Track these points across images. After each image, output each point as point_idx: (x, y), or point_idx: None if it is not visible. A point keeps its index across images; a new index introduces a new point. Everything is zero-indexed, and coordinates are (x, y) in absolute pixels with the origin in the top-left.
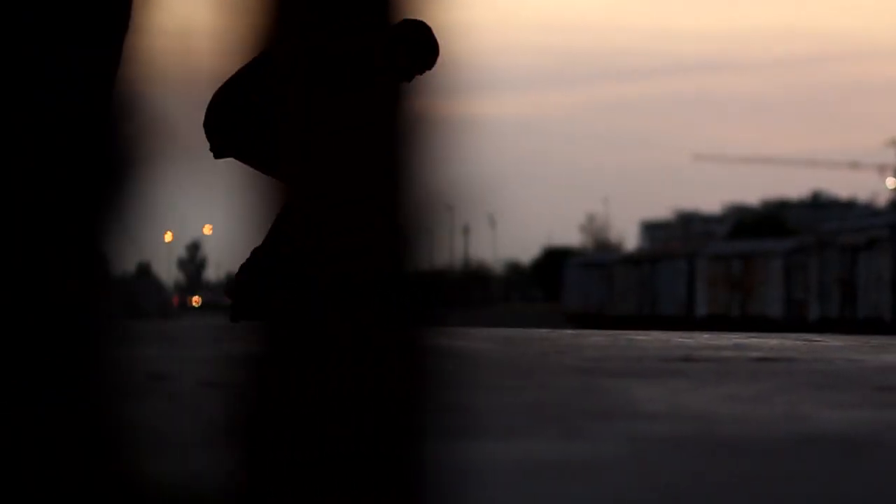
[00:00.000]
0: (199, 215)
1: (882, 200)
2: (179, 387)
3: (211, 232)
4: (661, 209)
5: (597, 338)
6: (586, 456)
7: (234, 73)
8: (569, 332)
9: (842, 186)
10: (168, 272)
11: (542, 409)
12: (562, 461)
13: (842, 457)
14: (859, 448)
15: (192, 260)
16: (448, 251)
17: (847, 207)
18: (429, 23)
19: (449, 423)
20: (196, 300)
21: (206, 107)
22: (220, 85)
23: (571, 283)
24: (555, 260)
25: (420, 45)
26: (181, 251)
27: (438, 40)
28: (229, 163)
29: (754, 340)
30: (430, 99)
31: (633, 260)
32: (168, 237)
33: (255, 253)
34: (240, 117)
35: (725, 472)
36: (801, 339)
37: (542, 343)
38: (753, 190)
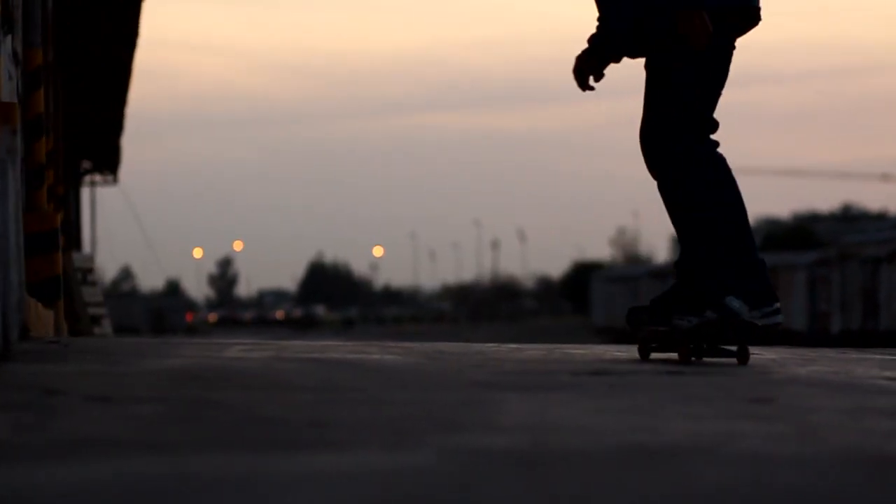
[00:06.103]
0: (230, 232)
1: None
2: (63, 401)
3: (242, 248)
4: None
5: (533, 352)
6: (381, 467)
7: None
8: (510, 346)
9: (872, 199)
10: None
11: (401, 422)
12: (344, 472)
13: (641, 467)
14: (672, 457)
15: (224, 276)
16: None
17: (878, 220)
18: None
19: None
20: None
21: None
22: None
23: (598, 296)
24: (584, 274)
25: None
26: (212, 267)
27: None
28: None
29: None
30: None
31: (659, 273)
32: (198, 254)
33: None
34: None
35: (503, 484)
36: None
37: (471, 357)
38: (784, 203)
